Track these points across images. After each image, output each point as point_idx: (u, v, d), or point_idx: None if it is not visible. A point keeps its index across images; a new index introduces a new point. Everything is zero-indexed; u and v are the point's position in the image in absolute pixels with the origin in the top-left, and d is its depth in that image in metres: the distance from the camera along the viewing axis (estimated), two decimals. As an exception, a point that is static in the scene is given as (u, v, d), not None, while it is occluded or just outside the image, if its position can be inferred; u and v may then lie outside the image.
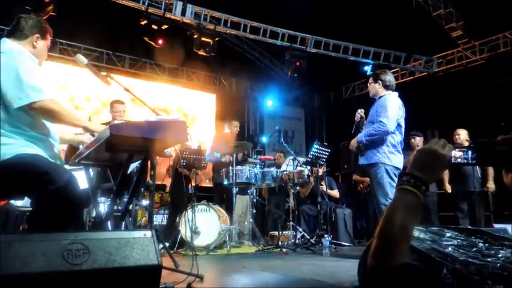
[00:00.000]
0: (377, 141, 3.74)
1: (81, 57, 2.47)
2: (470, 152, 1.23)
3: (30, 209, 2.10)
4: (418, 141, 6.19)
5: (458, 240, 1.42)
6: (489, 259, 1.32)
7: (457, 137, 5.93)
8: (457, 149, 1.22)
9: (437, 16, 7.79)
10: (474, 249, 1.39)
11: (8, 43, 2.17)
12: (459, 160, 1.23)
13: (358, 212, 7.14)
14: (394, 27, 7.48)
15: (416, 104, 4.32)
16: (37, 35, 2.26)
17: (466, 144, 5.69)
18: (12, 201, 4.00)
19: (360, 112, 4.15)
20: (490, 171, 5.88)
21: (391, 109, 3.73)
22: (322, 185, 6.13)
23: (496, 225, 5.57)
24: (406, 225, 1.08)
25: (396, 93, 3.95)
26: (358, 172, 6.87)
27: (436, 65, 8.81)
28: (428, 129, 7.89)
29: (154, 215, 5.66)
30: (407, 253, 1.10)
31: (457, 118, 6.95)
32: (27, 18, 2.29)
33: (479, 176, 5.85)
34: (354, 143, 3.95)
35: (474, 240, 1.44)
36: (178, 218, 5.38)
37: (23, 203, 3.83)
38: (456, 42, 8.24)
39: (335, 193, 6.88)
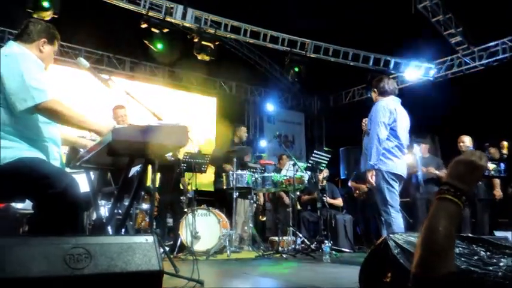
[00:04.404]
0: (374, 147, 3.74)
1: (82, 61, 2.46)
2: (502, 165, 1.24)
3: (31, 211, 2.10)
4: (423, 148, 6.15)
5: (460, 249, 1.42)
6: (491, 268, 1.32)
7: (461, 144, 5.90)
8: (489, 162, 1.23)
9: (436, 22, 7.81)
10: (476, 257, 1.39)
11: (13, 46, 2.18)
12: (492, 173, 1.24)
13: (359, 219, 7.13)
14: (393, 33, 7.51)
15: (415, 110, 4.34)
16: (44, 39, 2.26)
17: (471, 151, 5.68)
18: (12, 204, 4.00)
19: (365, 121, 4.17)
20: (497, 179, 5.87)
21: (379, 115, 3.75)
22: (325, 196, 6.14)
23: (497, 233, 5.56)
24: (450, 233, 1.10)
25: (390, 98, 3.93)
26: (354, 179, 6.87)
27: (436, 71, 8.83)
28: (427, 135, 7.89)
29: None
30: (453, 262, 1.11)
31: (456, 124, 6.96)
32: (36, 23, 2.29)
33: (483, 184, 5.85)
34: (369, 177, 3.76)
35: (476, 248, 1.44)
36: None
37: (23, 206, 3.83)
38: (455, 48, 8.27)
39: (338, 202, 6.86)
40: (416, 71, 8.89)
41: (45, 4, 6.10)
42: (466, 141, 5.87)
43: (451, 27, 7.87)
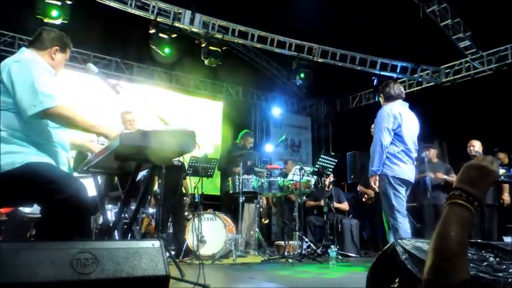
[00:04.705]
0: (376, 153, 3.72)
1: (92, 66, 2.49)
2: None
3: (39, 215, 2.11)
4: (432, 153, 6.10)
5: (469, 254, 1.41)
6: (500, 274, 1.31)
7: (471, 148, 5.86)
8: (499, 167, 1.21)
9: (444, 27, 7.78)
10: (485, 263, 1.37)
11: (25, 53, 2.21)
12: (502, 178, 1.23)
13: (366, 223, 7.09)
14: (401, 37, 7.49)
15: (423, 114, 4.32)
16: (57, 47, 2.30)
17: (482, 156, 5.63)
18: (20, 208, 4.03)
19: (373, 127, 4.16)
20: (505, 184, 5.81)
21: (382, 121, 3.74)
22: (332, 203, 6.14)
23: (506, 239, 5.50)
24: (463, 240, 1.07)
25: (396, 102, 3.89)
26: (363, 183, 6.83)
27: (444, 75, 8.79)
28: (435, 139, 7.83)
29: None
30: (467, 268, 1.08)
31: (464, 129, 6.91)
32: (49, 31, 2.33)
33: (492, 189, 5.79)
34: (372, 183, 3.79)
35: (485, 254, 1.43)
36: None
37: (31, 210, 3.86)
38: (464, 52, 8.22)
39: (344, 206, 6.84)
40: (424, 76, 8.86)
41: (54, 14, 6.19)
42: (476, 146, 5.82)
43: (460, 31, 7.83)
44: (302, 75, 8.29)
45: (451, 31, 7.86)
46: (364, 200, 6.86)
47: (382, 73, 8.52)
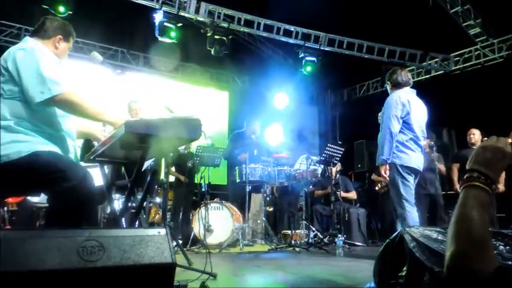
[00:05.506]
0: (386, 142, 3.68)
1: (96, 55, 2.47)
2: None
3: (47, 205, 2.12)
4: (424, 143, 6.07)
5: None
6: (510, 262, 1.29)
7: (471, 136, 5.86)
8: None
9: (454, 14, 7.65)
10: (495, 252, 1.35)
11: (29, 41, 2.21)
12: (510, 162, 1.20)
13: (373, 212, 7.06)
14: (410, 24, 7.37)
15: (432, 103, 4.26)
16: (60, 36, 2.30)
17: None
18: (28, 197, 4.07)
19: (381, 115, 4.11)
20: (502, 174, 5.77)
21: (391, 109, 3.69)
22: (338, 191, 6.13)
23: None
24: (486, 223, 1.02)
25: (404, 90, 3.83)
26: (376, 172, 6.79)
27: (453, 63, 8.67)
28: (444, 128, 7.76)
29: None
30: (494, 254, 1.03)
31: (473, 117, 6.82)
32: (52, 20, 2.33)
33: None
34: (382, 172, 3.73)
35: (495, 242, 1.41)
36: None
37: (39, 199, 3.89)
38: (474, 40, 8.09)
39: (352, 195, 6.82)
40: (433, 64, 8.74)
41: (61, 9, 6.23)
42: (476, 134, 5.85)
43: (470, 18, 7.69)
44: (309, 67, 8.26)
45: (461, 18, 7.73)
46: (377, 188, 6.82)
47: (390, 61, 8.41)
